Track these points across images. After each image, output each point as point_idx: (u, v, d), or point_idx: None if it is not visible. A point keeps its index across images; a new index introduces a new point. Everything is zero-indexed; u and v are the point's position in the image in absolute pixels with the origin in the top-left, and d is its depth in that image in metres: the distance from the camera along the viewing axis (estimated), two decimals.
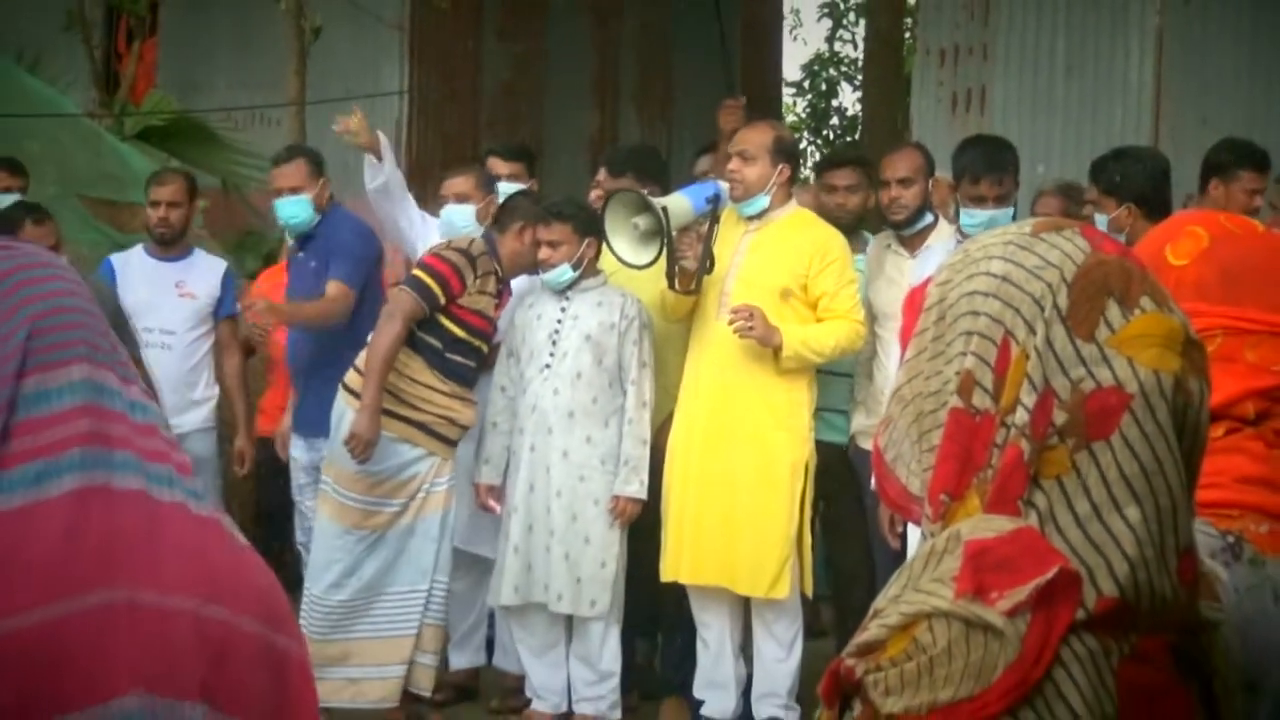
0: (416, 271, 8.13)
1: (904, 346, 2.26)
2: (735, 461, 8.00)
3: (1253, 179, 8.07)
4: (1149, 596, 2.03)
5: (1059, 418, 2.05)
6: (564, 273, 8.25)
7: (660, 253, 7.80)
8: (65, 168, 9.96)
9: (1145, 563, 2.02)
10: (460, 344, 8.14)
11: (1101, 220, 7.44)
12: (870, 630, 2.07)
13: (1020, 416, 2.07)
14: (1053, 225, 2.18)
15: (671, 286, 7.95)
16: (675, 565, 8.10)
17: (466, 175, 9.14)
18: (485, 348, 8.31)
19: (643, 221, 7.75)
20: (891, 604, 2.07)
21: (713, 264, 7.92)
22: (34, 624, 2.18)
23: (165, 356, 8.77)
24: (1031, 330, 2.08)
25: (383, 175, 8.86)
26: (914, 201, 8.27)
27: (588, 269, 8.32)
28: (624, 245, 7.80)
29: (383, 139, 9.11)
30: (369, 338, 8.07)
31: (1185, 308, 2.66)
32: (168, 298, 8.93)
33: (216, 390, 9.22)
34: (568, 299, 8.33)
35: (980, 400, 2.11)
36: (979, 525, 2.06)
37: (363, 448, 7.85)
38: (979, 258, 2.19)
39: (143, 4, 16.97)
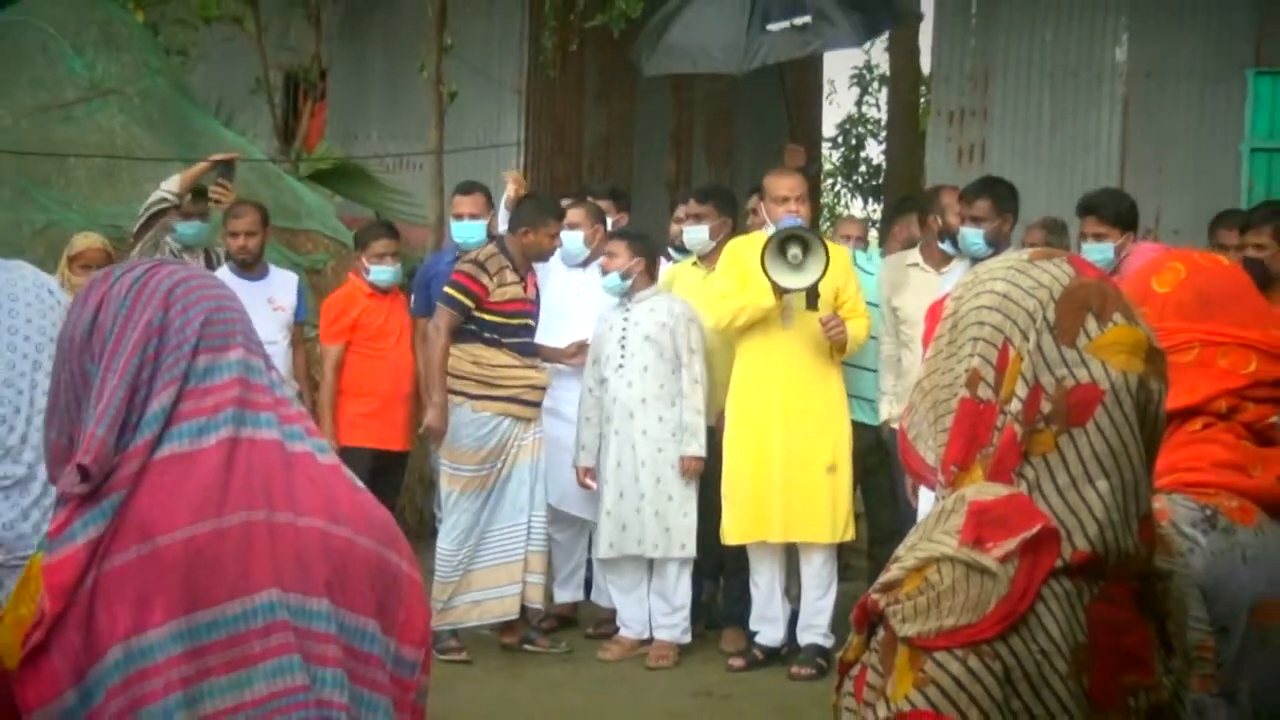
0: (446, 289, 8.17)
1: (926, 348, 2.28)
2: (816, 437, 8.07)
3: (1228, 237, 7.95)
4: (1115, 551, 2.07)
5: (1046, 407, 2.09)
6: (614, 279, 8.38)
7: (820, 276, 7.73)
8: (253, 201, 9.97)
9: (1112, 524, 2.06)
10: (509, 327, 8.19)
11: (1104, 246, 7.43)
12: (891, 572, 2.11)
13: (1015, 406, 2.11)
14: (1045, 254, 2.22)
15: (813, 306, 7.86)
16: (764, 527, 8.11)
17: (578, 208, 9.16)
18: (531, 322, 8.34)
19: (797, 250, 7.70)
20: (908, 551, 2.11)
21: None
22: (191, 537, 2.32)
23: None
24: (1026, 337, 2.12)
25: None
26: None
27: (639, 282, 8.39)
28: (781, 273, 7.73)
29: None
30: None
31: (1169, 325, 2.70)
32: (263, 312, 8.43)
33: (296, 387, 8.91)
34: (628, 309, 8.43)
35: (984, 392, 2.15)
36: (981, 490, 2.10)
37: (437, 438, 8.11)
38: (986, 279, 2.23)
39: (314, 73, 17.09)
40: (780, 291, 7.80)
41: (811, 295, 7.80)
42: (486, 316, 8.10)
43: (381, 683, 2.46)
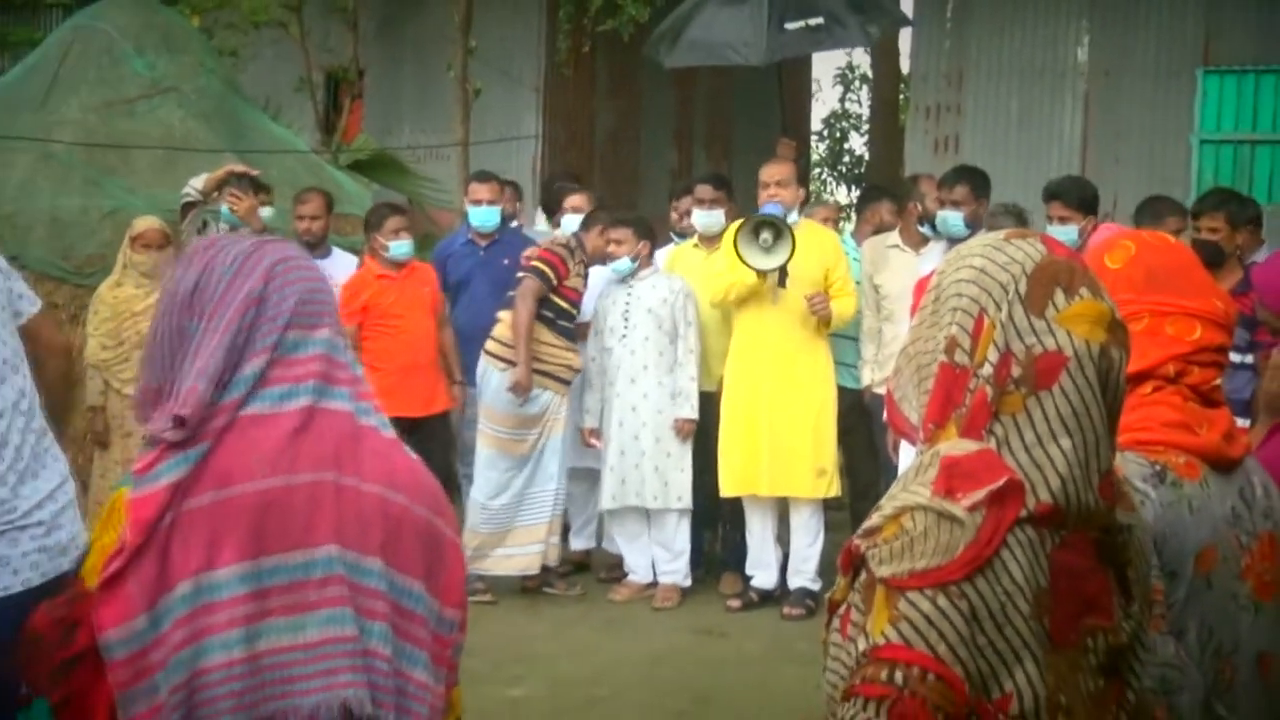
0: (535, 263, 8.16)
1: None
2: (802, 401, 8.07)
3: (1175, 223, 7.88)
4: (1076, 503, 2.07)
5: (1016, 372, 2.09)
6: (624, 263, 8.35)
7: (787, 259, 7.76)
8: (296, 188, 9.96)
9: (1074, 480, 2.07)
10: (565, 313, 8.26)
11: (1069, 229, 7.38)
12: (873, 519, 2.12)
13: (987, 370, 2.11)
14: (1020, 234, 2.22)
15: (782, 284, 7.90)
16: (754, 481, 8.14)
17: (582, 194, 9.20)
18: (577, 313, 8.38)
19: (768, 235, 7.72)
20: (889, 501, 2.12)
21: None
22: (265, 489, 2.33)
23: None
24: (999, 308, 2.13)
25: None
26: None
27: (643, 263, 8.39)
28: (753, 255, 7.74)
29: None
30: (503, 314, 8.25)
31: (1121, 297, 2.67)
32: None
33: None
34: (631, 286, 8.43)
35: (960, 357, 2.15)
36: (954, 446, 2.11)
37: (523, 392, 8.01)
38: (966, 255, 2.23)
39: (352, 72, 17.07)
40: (761, 273, 7.82)
41: (781, 275, 7.82)
42: (550, 297, 8.15)
43: (423, 639, 2.46)
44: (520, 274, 8.19)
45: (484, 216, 9.07)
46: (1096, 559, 2.11)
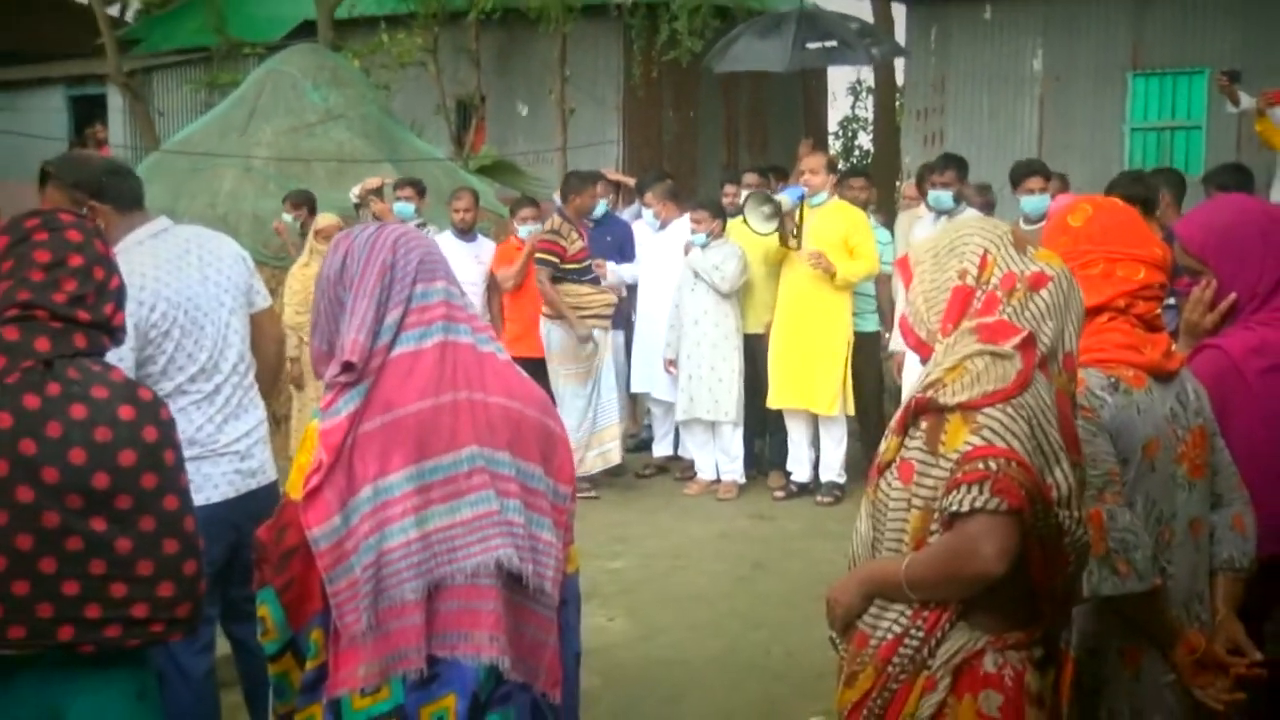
0: (539, 255, 8.12)
1: (907, 285, 2.42)
2: (814, 339, 7.93)
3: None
4: (1058, 367, 2.28)
5: (1018, 286, 2.28)
6: (701, 237, 8.22)
7: (778, 226, 7.74)
8: (436, 190, 9.98)
9: (1055, 348, 2.26)
10: (582, 270, 8.17)
11: (1044, 197, 7.43)
12: (932, 375, 2.27)
13: (994, 282, 2.30)
14: (987, 217, 2.39)
15: (784, 244, 7.87)
16: (779, 398, 8.08)
17: (654, 190, 9.11)
18: (590, 262, 8.28)
19: (768, 208, 7.69)
20: (934, 366, 2.28)
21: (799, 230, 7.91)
22: (418, 410, 2.39)
23: (473, 299, 8.52)
24: (998, 249, 2.30)
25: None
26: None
27: (715, 236, 8.23)
28: (757, 222, 7.74)
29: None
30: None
31: (1082, 248, 2.75)
32: (470, 264, 8.58)
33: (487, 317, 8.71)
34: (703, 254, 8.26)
35: (970, 280, 2.31)
36: (977, 321, 2.28)
37: (585, 340, 8.06)
38: (960, 226, 2.39)
39: (476, 98, 17.07)
40: (783, 237, 7.85)
41: (784, 237, 7.86)
42: (569, 266, 8.10)
43: (546, 509, 2.52)
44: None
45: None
46: (1069, 410, 2.28)
